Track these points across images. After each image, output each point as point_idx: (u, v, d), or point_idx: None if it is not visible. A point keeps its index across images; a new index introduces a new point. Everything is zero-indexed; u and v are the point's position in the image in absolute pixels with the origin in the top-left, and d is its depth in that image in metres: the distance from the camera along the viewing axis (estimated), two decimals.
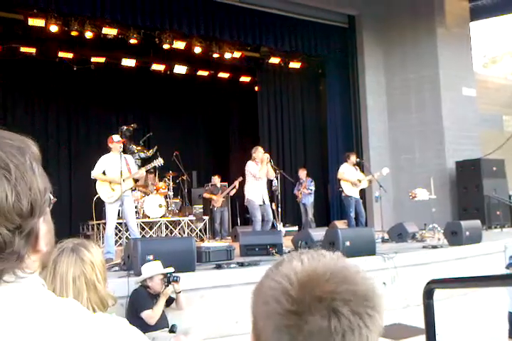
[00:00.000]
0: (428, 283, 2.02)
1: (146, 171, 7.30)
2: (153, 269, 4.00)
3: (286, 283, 0.63)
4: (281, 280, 0.64)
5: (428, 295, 2.01)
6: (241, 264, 5.22)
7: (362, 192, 9.24)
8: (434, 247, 6.77)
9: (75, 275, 1.62)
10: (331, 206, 12.25)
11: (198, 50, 11.55)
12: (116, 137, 6.42)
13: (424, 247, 6.86)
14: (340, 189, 8.84)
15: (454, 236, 6.93)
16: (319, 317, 0.60)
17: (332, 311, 0.61)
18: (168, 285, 3.89)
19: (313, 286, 0.62)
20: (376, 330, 0.64)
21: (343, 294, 0.62)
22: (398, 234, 8.07)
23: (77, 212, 11.40)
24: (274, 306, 0.63)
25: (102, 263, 1.74)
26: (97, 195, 6.43)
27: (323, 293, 0.61)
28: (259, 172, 7.43)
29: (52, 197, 0.74)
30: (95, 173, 6.23)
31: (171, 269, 4.03)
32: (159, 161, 6.75)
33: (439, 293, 2.10)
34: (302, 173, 10.86)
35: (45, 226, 0.72)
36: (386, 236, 8.35)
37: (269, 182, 7.91)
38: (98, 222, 9.04)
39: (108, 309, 1.71)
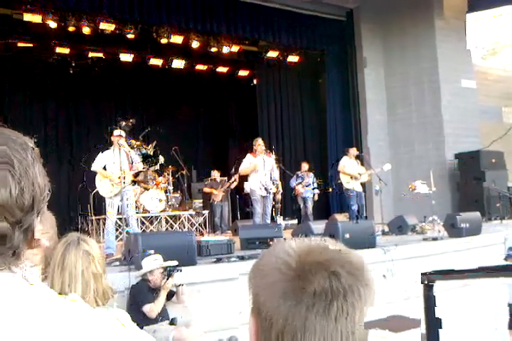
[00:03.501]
0: (428, 275, 2.02)
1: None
2: (153, 263, 4.01)
3: (284, 255, 0.68)
4: (280, 255, 0.68)
5: (428, 286, 2.01)
6: (241, 258, 5.24)
7: (362, 185, 9.23)
8: (434, 239, 6.79)
9: (84, 267, 1.64)
10: (330, 199, 12.26)
11: (195, 44, 11.50)
12: (115, 131, 6.42)
13: (424, 239, 6.88)
14: (339, 181, 8.85)
15: (454, 228, 6.95)
16: (321, 277, 0.64)
17: (331, 272, 0.65)
18: (168, 279, 3.90)
19: (310, 255, 0.67)
20: (371, 296, 0.68)
21: (337, 261, 0.67)
22: (398, 227, 8.09)
23: (77, 207, 11.39)
24: (277, 275, 0.66)
25: (101, 255, 1.77)
26: (96, 190, 6.43)
27: (320, 260, 0.66)
28: (249, 166, 7.47)
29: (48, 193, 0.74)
30: (95, 168, 6.23)
31: (174, 262, 4.03)
32: (160, 160, 6.75)
33: (439, 285, 2.10)
34: (304, 167, 10.55)
35: (45, 222, 0.73)
36: (386, 229, 8.37)
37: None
38: (98, 217, 9.06)
39: (109, 301, 1.73)
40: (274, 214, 8.27)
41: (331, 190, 10.33)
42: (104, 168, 6.26)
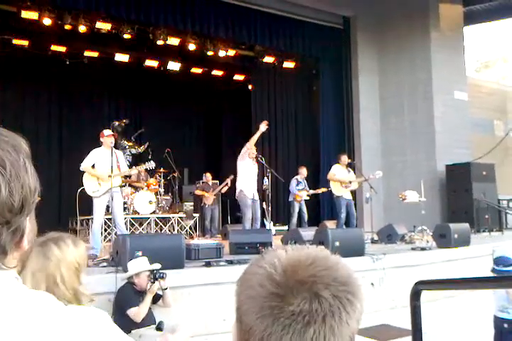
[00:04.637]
0: (415, 284, 2.02)
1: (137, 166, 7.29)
2: (139, 266, 3.97)
3: (270, 268, 0.66)
4: (266, 266, 0.67)
5: (415, 296, 2.01)
6: (230, 262, 5.22)
7: (352, 193, 9.25)
8: (423, 249, 6.81)
9: (34, 269, 1.60)
10: (321, 206, 12.27)
11: (192, 47, 11.52)
12: (106, 131, 6.38)
13: (412, 249, 6.90)
14: (330, 189, 8.87)
15: (443, 239, 6.98)
16: (301, 299, 0.63)
17: (314, 294, 0.63)
18: (154, 282, 3.86)
19: (296, 270, 0.65)
20: (355, 317, 0.66)
21: (323, 278, 0.65)
22: (387, 236, 8.11)
23: (67, 206, 11.31)
24: (259, 290, 0.65)
25: (75, 260, 1.70)
26: (82, 188, 6.37)
27: (304, 277, 0.64)
28: (248, 165, 7.48)
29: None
30: (84, 165, 6.18)
31: (158, 265, 4.00)
32: (151, 164, 6.73)
33: (426, 295, 2.11)
34: (305, 173, 10.16)
35: (29, 225, 0.73)
36: (375, 237, 8.39)
37: (261, 180, 7.92)
38: (88, 217, 8.98)
39: (91, 304, 1.70)
40: (265, 219, 8.24)
41: (322, 190, 10.09)
42: (93, 167, 6.22)
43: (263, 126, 7.52)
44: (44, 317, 0.65)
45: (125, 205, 9.01)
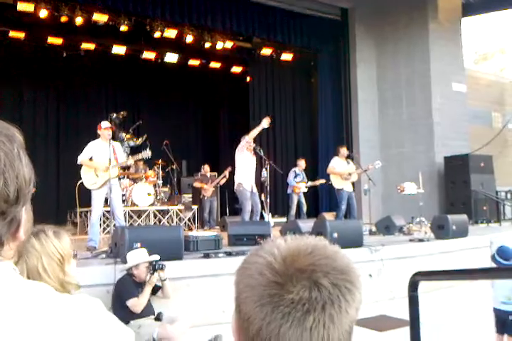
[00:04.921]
0: (413, 276, 2.04)
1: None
2: (138, 257, 3.98)
3: (269, 257, 0.67)
4: (265, 255, 0.67)
5: (413, 287, 2.02)
6: (229, 254, 5.24)
7: (352, 185, 9.25)
8: (421, 240, 6.84)
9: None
10: (320, 198, 12.29)
11: (189, 38, 11.45)
12: (104, 123, 6.36)
13: (410, 240, 6.93)
14: (330, 182, 8.88)
15: (441, 230, 7.00)
16: (300, 287, 0.63)
17: (313, 282, 0.63)
18: (153, 273, 3.87)
19: (295, 259, 0.65)
20: (355, 306, 0.66)
21: (322, 267, 0.65)
22: (386, 227, 8.14)
23: (65, 198, 11.31)
24: (258, 278, 0.65)
25: (57, 251, 1.68)
26: (81, 181, 6.37)
27: (304, 266, 0.65)
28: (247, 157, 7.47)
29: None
30: (82, 158, 6.18)
31: (157, 257, 4.01)
32: (147, 154, 6.68)
33: (424, 286, 2.12)
34: (303, 165, 10.13)
35: (25, 215, 0.72)
36: (374, 229, 8.42)
37: (259, 172, 7.92)
38: (87, 209, 8.99)
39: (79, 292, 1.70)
40: (263, 211, 8.25)
41: (321, 181, 10.03)
42: (91, 159, 6.22)
43: (265, 122, 7.40)
44: (41, 306, 0.65)
45: (123, 197, 9.02)
